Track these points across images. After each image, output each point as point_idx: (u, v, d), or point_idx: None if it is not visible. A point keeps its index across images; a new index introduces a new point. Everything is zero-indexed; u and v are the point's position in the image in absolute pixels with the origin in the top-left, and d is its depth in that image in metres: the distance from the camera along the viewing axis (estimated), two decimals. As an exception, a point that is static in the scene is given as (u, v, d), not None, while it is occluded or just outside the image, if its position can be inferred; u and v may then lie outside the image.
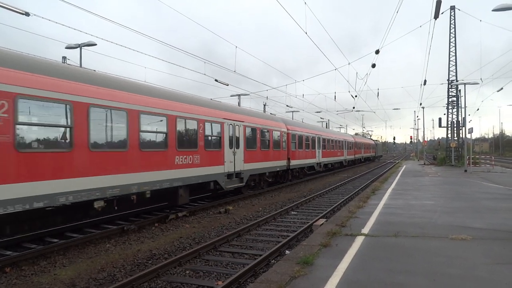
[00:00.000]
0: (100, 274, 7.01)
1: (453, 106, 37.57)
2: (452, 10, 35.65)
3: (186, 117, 12.40)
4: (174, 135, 11.72)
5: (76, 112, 8.43)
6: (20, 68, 7.45)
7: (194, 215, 12.89)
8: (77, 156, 8.41)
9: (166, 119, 11.38)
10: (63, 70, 8.69)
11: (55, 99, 8.01)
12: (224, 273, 6.96)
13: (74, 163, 8.34)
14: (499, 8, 18.00)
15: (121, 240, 9.52)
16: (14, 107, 7.16)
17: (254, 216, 12.91)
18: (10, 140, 7.08)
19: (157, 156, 11.02)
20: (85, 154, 8.61)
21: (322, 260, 6.07)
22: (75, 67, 10.71)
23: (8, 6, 11.49)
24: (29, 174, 7.43)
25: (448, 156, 39.46)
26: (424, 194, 14.60)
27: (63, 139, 8.30)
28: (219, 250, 8.55)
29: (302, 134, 25.13)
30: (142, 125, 10.43)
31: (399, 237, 7.50)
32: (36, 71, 7.77)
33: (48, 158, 7.82)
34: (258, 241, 9.45)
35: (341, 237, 7.65)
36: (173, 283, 6.57)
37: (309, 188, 21.67)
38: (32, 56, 8.95)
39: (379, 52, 19.90)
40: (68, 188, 8.19)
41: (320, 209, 14.28)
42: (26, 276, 6.94)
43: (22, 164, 7.31)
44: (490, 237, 7.48)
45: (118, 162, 9.58)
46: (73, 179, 8.30)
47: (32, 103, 7.63)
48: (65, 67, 9.47)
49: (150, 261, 7.82)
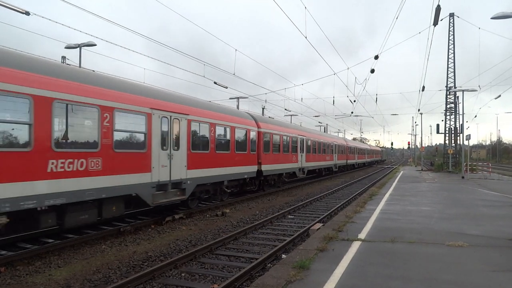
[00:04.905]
0: (95, 275, 6.97)
1: (451, 112, 37.75)
2: (451, 17, 35.89)
3: (76, 101, 8.57)
4: (49, 129, 8.01)
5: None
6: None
7: (191, 217, 12.85)
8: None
9: (30, 103, 7.55)
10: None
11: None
12: (220, 276, 6.93)
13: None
14: (498, 16, 18.10)
15: (117, 241, 9.48)
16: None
17: (251, 219, 12.88)
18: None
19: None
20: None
21: (319, 265, 6.05)
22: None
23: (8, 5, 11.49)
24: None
25: (445, 163, 39.58)
26: (421, 200, 14.61)
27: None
28: (215, 253, 8.51)
29: (280, 134, 21.76)
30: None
31: (396, 243, 7.50)
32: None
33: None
34: (254, 244, 9.42)
35: (337, 241, 7.64)
36: (169, 285, 6.54)
37: (306, 192, 21.66)
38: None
39: (378, 58, 19.96)
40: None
41: (317, 213, 14.26)
42: (20, 276, 6.90)
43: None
44: (487, 244, 7.48)
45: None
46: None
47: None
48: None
49: (146, 263, 7.78)
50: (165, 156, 11.54)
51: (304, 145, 26.31)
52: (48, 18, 13.25)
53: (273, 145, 20.65)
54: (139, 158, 10.52)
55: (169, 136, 11.76)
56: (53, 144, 8.05)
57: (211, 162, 14.21)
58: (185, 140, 12.56)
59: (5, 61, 7.31)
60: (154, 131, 11.02)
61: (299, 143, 25.26)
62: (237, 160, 16.42)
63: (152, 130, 10.94)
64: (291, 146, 23.50)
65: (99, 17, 13.00)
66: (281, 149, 21.91)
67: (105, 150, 9.32)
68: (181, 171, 12.30)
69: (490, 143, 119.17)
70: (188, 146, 12.69)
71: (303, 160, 26.02)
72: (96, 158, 9.05)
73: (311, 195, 19.98)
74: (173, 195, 11.96)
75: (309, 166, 27.53)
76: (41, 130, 7.80)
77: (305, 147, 26.42)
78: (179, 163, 12.22)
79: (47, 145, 7.92)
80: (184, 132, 12.53)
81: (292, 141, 23.86)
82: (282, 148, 21.99)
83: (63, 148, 8.31)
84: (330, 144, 34.86)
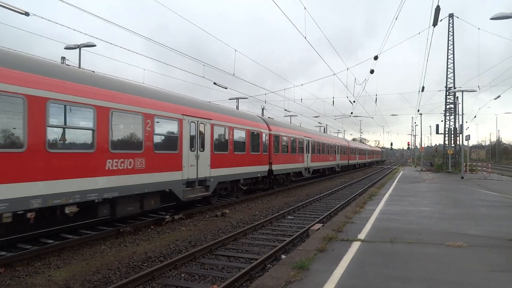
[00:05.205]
0: (95, 276, 6.97)
1: (451, 113, 37.76)
2: (451, 18, 35.92)
3: (126, 110, 10.02)
4: (107, 134, 9.44)
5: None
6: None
7: (190, 218, 12.85)
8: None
9: (93, 112, 9.04)
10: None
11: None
12: (220, 277, 6.93)
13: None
14: (497, 17, 18.12)
15: (116, 242, 9.48)
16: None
17: (250, 219, 12.88)
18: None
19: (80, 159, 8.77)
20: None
21: (318, 265, 6.06)
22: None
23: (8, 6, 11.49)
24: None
25: (445, 163, 39.60)
26: (421, 200, 14.62)
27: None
28: (215, 254, 8.51)
29: (288, 136, 23.14)
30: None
31: (395, 243, 7.50)
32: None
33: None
34: (254, 245, 9.42)
35: (337, 242, 7.65)
36: (168, 286, 6.54)
37: (306, 193, 21.66)
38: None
39: (377, 58, 19.97)
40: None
41: (316, 213, 14.26)
42: (20, 277, 6.89)
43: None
44: (486, 244, 7.49)
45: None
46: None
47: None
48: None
49: (146, 264, 7.78)
50: (193, 156, 12.97)
51: (310, 146, 27.63)
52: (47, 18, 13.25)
53: (282, 146, 21.91)
54: (173, 158, 11.97)
55: (196, 139, 13.21)
56: (110, 146, 9.46)
57: (230, 162, 15.63)
58: (209, 142, 14.01)
59: (73, 78, 8.71)
60: (184, 135, 12.49)
61: (305, 144, 26.48)
62: (252, 160, 17.83)
63: (183, 133, 12.42)
64: (298, 147, 24.77)
65: (98, 18, 13.03)
66: (289, 150, 23.20)
67: (148, 151, 10.77)
68: (205, 170, 13.76)
69: (489, 144, 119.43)
70: (211, 147, 14.13)
71: (309, 160, 27.26)
72: (140, 158, 10.51)
73: (311, 196, 19.98)
74: (199, 191, 13.41)
75: (314, 166, 28.80)
76: (101, 134, 9.27)
77: (310, 148, 27.66)
78: (204, 163, 13.69)
79: (105, 147, 9.36)
80: (208, 135, 13.99)
81: (299, 143, 25.10)
82: (290, 149, 23.28)
83: (117, 150, 9.70)
84: (333, 145, 36.06)
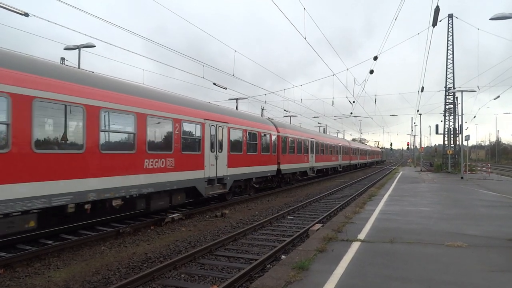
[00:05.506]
0: (95, 277, 6.97)
1: (450, 113, 37.78)
2: (450, 18, 35.96)
3: (159, 116, 11.29)
4: (145, 136, 10.68)
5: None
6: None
7: (190, 218, 12.84)
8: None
9: (134, 118, 10.29)
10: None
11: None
12: (220, 277, 6.93)
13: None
14: (496, 17, 18.13)
15: (116, 243, 9.47)
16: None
17: (250, 220, 12.88)
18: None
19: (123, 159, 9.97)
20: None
21: (318, 265, 6.06)
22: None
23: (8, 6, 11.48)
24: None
25: (444, 163, 39.61)
26: (421, 201, 14.63)
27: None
28: (215, 254, 8.51)
29: (295, 137, 24.32)
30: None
31: (395, 243, 7.50)
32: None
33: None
34: (254, 245, 9.42)
35: (337, 242, 7.65)
36: (168, 286, 6.53)
37: (306, 193, 21.66)
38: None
39: (377, 58, 19.97)
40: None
41: (316, 214, 14.26)
42: (19, 278, 6.88)
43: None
44: (486, 244, 7.49)
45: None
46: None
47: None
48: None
49: (145, 264, 7.77)
50: (213, 156, 14.28)
51: (314, 147, 28.78)
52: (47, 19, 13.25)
53: (289, 147, 23.14)
54: (197, 158, 13.29)
55: (216, 141, 14.50)
56: (147, 147, 10.68)
57: (244, 161, 16.97)
58: (226, 144, 15.31)
59: (119, 89, 9.91)
60: (206, 137, 13.77)
61: (310, 145, 27.70)
62: (263, 160, 19.16)
63: (205, 136, 13.68)
64: (303, 148, 26.07)
65: (98, 18, 13.06)
66: (296, 151, 24.40)
67: (176, 152, 12.01)
68: (223, 169, 15.07)
69: (489, 144, 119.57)
70: (228, 148, 15.43)
71: (313, 160, 28.55)
72: (170, 158, 11.74)
73: (311, 196, 19.98)
74: (218, 189, 14.76)
75: (318, 166, 30.21)
76: (140, 137, 10.44)
77: (314, 149, 28.82)
78: (222, 162, 14.99)
79: (143, 148, 10.57)
80: (226, 137, 15.30)
81: (304, 144, 26.38)
82: (296, 150, 24.48)
83: (152, 151, 10.92)
84: (335, 146, 37.30)
